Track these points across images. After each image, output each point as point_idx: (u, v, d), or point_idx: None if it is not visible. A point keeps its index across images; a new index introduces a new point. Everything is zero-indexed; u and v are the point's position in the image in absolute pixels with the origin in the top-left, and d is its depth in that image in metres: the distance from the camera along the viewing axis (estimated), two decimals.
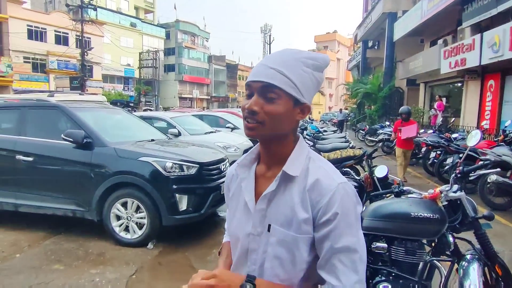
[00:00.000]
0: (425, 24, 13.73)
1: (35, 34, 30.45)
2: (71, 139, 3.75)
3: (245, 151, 7.27)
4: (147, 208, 3.65)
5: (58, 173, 3.95)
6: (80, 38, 24.80)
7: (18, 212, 4.17)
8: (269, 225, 0.88)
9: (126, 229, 3.79)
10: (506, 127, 7.21)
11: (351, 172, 3.58)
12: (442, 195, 2.26)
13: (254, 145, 0.99)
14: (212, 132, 8.05)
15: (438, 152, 7.21)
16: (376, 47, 24.26)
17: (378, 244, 2.21)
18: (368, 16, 21.83)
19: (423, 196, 2.31)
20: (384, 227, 2.21)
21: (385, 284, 2.11)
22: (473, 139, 2.22)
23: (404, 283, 2.13)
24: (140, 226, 3.75)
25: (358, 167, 5.51)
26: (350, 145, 6.54)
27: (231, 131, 9.38)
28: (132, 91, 40.79)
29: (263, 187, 0.91)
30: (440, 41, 13.19)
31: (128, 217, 3.74)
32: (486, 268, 2.27)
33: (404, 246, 2.18)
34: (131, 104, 23.07)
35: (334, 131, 10.61)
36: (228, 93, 54.68)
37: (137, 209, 3.72)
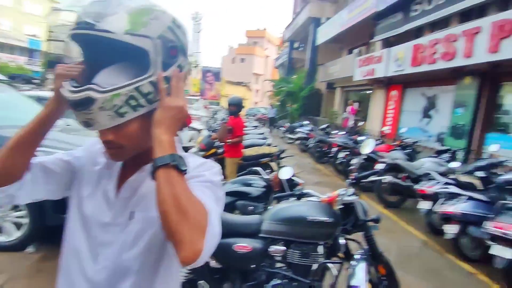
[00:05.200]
0: (344, 33, 14.79)
1: None
2: None
3: None
4: (28, 205, 3.12)
5: None
6: None
7: None
8: (132, 212, 0.85)
9: None
10: (401, 133, 8.15)
11: (261, 170, 3.59)
12: (339, 198, 2.35)
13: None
14: None
15: (346, 153, 7.81)
16: (301, 48, 25.42)
17: (276, 247, 2.20)
18: (296, 18, 22.72)
19: (321, 199, 2.38)
20: (282, 230, 2.20)
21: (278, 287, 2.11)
22: (367, 147, 2.37)
23: (297, 285, 2.16)
24: (18, 226, 3.19)
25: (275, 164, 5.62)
26: (267, 142, 6.64)
27: None
28: (39, 65, 35.68)
29: (127, 175, 0.89)
30: (356, 51, 14.35)
31: (2, 216, 3.15)
32: (372, 267, 2.45)
33: (300, 249, 2.21)
34: (35, 81, 20.19)
35: (255, 127, 10.75)
36: None
37: (15, 206, 3.15)
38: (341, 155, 8.05)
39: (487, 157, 5.62)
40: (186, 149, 7.08)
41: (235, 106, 4.81)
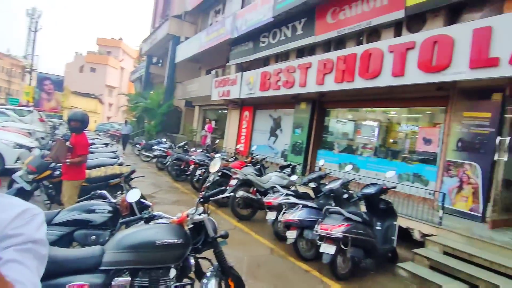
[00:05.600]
0: (203, 54, 15.38)
1: None
2: None
3: None
4: None
5: None
6: None
7: None
8: None
9: None
10: (252, 150, 8.93)
11: (106, 194, 3.22)
12: (189, 218, 2.33)
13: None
14: None
15: (203, 170, 7.96)
16: (159, 64, 24.93)
17: (120, 279, 1.99)
18: (154, 32, 22.21)
19: (171, 221, 2.30)
20: (128, 259, 2.01)
21: None
22: (215, 166, 2.46)
23: None
24: None
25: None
26: (119, 161, 6.10)
27: None
28: None
29: None
30: (213, 72, 15.07)
31: None
32: (223, 282, 2.51)
33: (149, 276, 2.07)
34: None
35: (106, 144, 9.75)
36: None
37: None
38: (198, 172, 8.15)
39: (317, 170, 6.75)
40: (12, 171, 5.74)
41: (78, 122, 4.20)
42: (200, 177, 7.91)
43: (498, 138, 5.24)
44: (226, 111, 14.73)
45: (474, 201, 5.56)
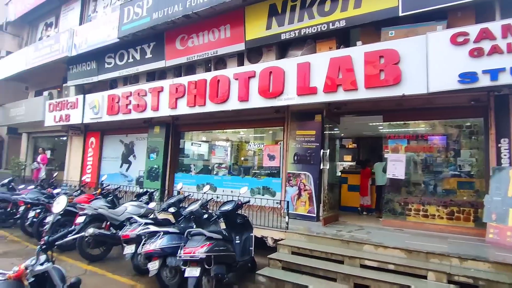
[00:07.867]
0: (30, 72, 13.06)
1: None
2: None
3: None
4: None
5: None
6: None
7: None
8: None
9: None
10: (102, 181, 8.08)
11: None
12: (28, 271, 1.95)
13: None
14: None
15: (38, 211, 6.66)
16: None
17: None
18: None
19: (7, 276, 1.87)
20: None
21: None
22: (59, 205, 2.16)
23: None
24: None
25: None
26: None
27: None
28: None
29: None
30: (45, 93, 12.95)
31: None
32: None
33: None
34: None
35: None
36: None
37: None
38: (31, 214, 6.74)
39: (176, 194, 6.69)
40: None
41: None
42: (35, 220, 6.56)
43: (322, 151, 6.52)
44: (65, 138, 12.85)
45: (310, 205, 6.68)
